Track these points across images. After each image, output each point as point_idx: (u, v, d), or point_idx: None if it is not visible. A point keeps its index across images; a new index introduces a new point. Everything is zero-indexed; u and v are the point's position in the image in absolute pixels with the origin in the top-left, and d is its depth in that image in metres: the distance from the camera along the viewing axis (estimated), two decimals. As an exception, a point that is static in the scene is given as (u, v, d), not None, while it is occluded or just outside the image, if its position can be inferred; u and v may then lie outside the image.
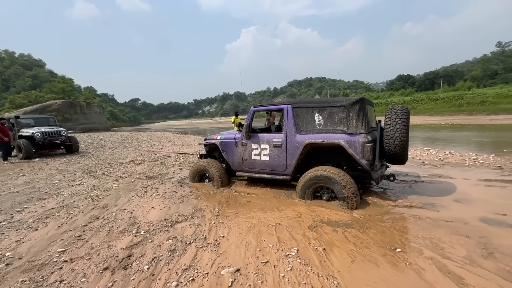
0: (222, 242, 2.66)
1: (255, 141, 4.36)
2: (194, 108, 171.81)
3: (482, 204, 3.40)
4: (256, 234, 2.79)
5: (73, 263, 2.36)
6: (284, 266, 2.18)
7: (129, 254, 2.48)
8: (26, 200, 4.39)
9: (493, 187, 4.10)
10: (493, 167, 5.36)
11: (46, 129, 10.10)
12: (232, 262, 2.27)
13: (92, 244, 2.73)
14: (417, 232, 2.69)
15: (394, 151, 3.59)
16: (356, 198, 3.40)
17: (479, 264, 2.09)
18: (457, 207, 3.32)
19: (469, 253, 2.26)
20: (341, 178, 3.45)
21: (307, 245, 2.51)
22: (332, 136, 3.61)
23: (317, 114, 3.80)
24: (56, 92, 51.07)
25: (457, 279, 1.91)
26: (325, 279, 1.99)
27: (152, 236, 2.85)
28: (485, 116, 24.70)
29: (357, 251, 2.38)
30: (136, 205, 3.91)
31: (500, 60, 51.45)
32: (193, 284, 2.00)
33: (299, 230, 2.84)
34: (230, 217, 3.31)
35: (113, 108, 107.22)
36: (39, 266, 2.33)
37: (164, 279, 2.07)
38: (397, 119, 3.60)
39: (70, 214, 3.65)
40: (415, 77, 63.10)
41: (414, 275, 2.00)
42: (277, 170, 4.17)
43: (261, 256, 2.35)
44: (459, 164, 5.76)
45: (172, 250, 2.52)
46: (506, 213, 3.04)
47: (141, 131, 32.22)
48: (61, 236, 2.95)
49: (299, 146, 3.85)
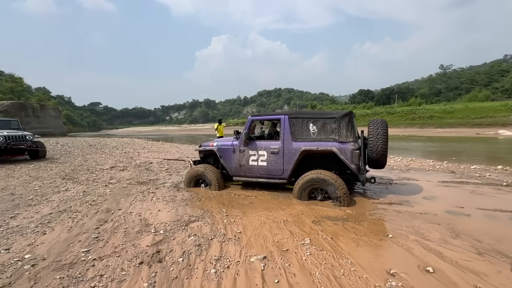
0: (241, 236, 2.94)
1: (253, 148, 4.71)
2: (161, 115, 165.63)
3: (444, 200, 4.16)
4: (269, 229, 3.13)
5: (104, 261, 2.46)
6: (303, 252, 2.55)
7: (157, 250, 2.65)
8: (13, 206, 4.17)
9: (450, 187, 4.98)
10: (447, 171, 6.40)
11: (9, 133, 9.26)
12: (257, 252, 2.58)
13: (114, 244, 2.82)
14: (401, 222, 3.27)
15: (377, 157, 4.22)
16: (347, 197, 3.92)
17: (450, 243, 2.69)
18: (426, 203, 4.03)
19: (442, 235, 2.87)
20: (335, 180, 3.95)
21: (316, 235, 2.92)
22: (326, 143, 4.13)
23: (311, 124, 4.31)
24: (3, 92, 45.92)
25: (437, 254, 2.47)
26: (339, 259, 2.41)
27: (172, 234, 3.02)
28: (434, 129, 28.14)
29: (358, 238, 2.85)
30: (141, 209, 3.99)
31: (443, 80, 59.02)
32: (229, 270, 2.27)
33: (306, 225, 3.24)
34: (239, 216, 3.60)
35: (70, 111, 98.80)
36: (70, 265, 2.39)
37: (202, 268, 2.31)
38: (378, 129, 4.25)
39: (74, 218, 3.61)
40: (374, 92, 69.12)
41: (406, 252, 2.51)
42: (274, 175, 4.56)
43: (280, 246, 2.70)
44: (421, 169, 6.74)
45: (197, 245, 2.74)
46: (463, 206, 3.80)
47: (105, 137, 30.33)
48: (77, 238, 2.97)
49: (296, 153, 4.30)
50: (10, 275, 2.25)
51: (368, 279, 2.10)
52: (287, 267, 2.29)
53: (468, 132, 22.88)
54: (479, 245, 2.64)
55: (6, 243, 2.85)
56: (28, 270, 2.31)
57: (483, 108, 29.69)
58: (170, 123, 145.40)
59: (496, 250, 2.51)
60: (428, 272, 2.17)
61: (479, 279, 2.07)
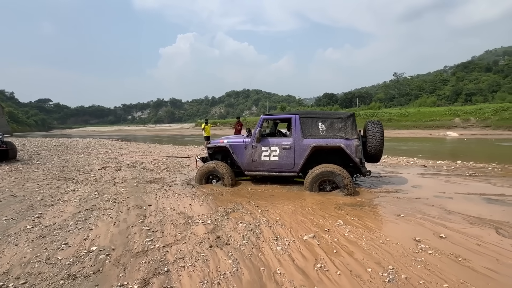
0: (282, 222, 3.36)
1: (265, 144, 5.14)
2: (122, 114, 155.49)
3: (428, 188, 5.06)
4: (302, 215, 3.59)
5: (173, 247, 2.69)
6: (343, 230, 3.07)
7: (217, 236, 2.94)
8: (28, 207, 4.02)
9: (428, 178, 5.98)
10: (420, 166, 7.54)
11: (-25, 131, 8.32)
12: (304, 233, 3.02)
13: (170, 234, 3.03)
14: (404, 205, 3.98)
15: (375, 152, 4.95)
16: (352, 186, 4.55)
17: (447, 218, 3.44)
18: (416, 191, 4.86)
19: (439, 213, 3.63)
20: (341, 171, 4.55)
21: (345, 218, 3.46)
22: (334, 140, 4.73)
23: (320, 123, 4.89)
24: None
25: (442, 225, 3.17)
26: (373, 233, 2.97)
27: (220, 223, 3.31)
28: (393, 130, 31.28)
29: (379, 218, 3.47)
30: (170, 204, 4.15)
31: (396, 86, 65.38)
32: (291, 246, 2.69)
33: (331, 210, 3.77)
34: (269, 206, 4.00)
35: (13, 108, 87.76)
36: (143, 252, 2.58)
37: (267, 247, 2.68)
38: (376, 129, 5.00)
39: (109, 215, 3.67)
40: (337, 95, 73.80)
41: (419, 226, 3.18)
42: (286, 168, 5.04)
43: (320, 227, 3.18)
44: (399, 165, 7.80)
45: (250, 230, 3.09)
46: (445, 192, 4.70)
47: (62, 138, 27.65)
48: (129, 231, 3.11)
49: (306, 149, 4.83)
50: (92, 264, 2.38)
51: (402, 245, 2.68)
52: (337, 241, 2.78)
53: (422, 133, 26.06)
54: (468, 218, 3.42)
55: (60, 239, 2.89)
56: (106, 259, 2.46)
57: (431, 113, 33.93)
58: (132, 122, 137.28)
59: (481, 221, 3.31)
60: (442, 237, 2.84)
61: (478, 240, 2.79)
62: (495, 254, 2.48)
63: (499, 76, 50.63)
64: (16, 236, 2.98)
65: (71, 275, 2.19)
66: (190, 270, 2.26)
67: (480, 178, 5.82)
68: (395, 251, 2.57)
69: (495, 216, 3.48)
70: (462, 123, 30.04)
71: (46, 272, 2.25)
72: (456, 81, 53.88)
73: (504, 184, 5.27)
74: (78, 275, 2.20)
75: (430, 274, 2.16)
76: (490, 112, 29.39)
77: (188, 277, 2.16)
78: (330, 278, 2.14)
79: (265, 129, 6.96)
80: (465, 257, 2.43)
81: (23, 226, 3.28)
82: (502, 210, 3.75)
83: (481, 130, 27.45)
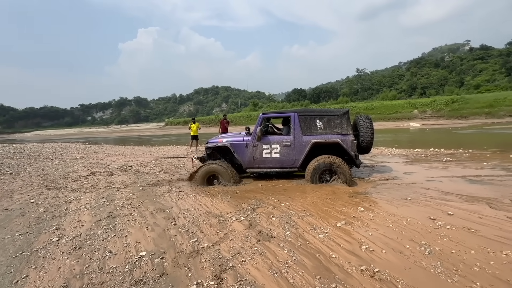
0: (309, 213, 3.60)
1: (266, 142, 5.35)
2: (81, 115, 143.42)
3: (418, 174, 5.70)
4: (324, 205, 3.88)
5: (222, 244, 2.79)
6: (367, 215, 3.41)
7: (258, 231, 3.09)
8: (36, 219, 3.77)
9: (413, 165, 6.69)
10: (401, 155, 8.34)
11: None
12: (335, 221, 3.30)
13: (211, 232, 3.10)
14: (406, 190, 4.48)
15: (366, 144, 5.42)
16: (351, 175, 4.93)
17: (446, 198, 3.98)
18: (409, 177, 5.45)
19: (438, 195, 4.17)
20: (340, 161, 4.93)
21: (363, 204, 3.82)
22: (331, 136, 5.09)
23: (318, 120, 5.23)
24: None
25: (446, 205, 3.67)
26: (394, 216, 3.34)
27: (254, 219, 3.45)
28: (360, 123, 33.41)
29: (391, 202, 3.89)
30: (190, 205, 4.16)
31: (359, 81, 69.51)
32: (330, 234, 2.94)
33: (346, 199, 4.11)
34: (289, 200, 4.21)
35: None
36: (196, 252, 2.65)
37: (310, 236, 2.91)
38: (367, 124, 5.47)
39: (135, 220, 3.60)
40: (306, 90, 76.28)
41: (428, 207, 3.64)
42: (287, 164, 5.30)
43: (346, 214, 3.49)
44: (383, 154, 8.54)
45: (286, 222, 3.28)
46: (433, 176, 5.36)
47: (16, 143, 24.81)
48: (167, 233, 3.11)
49: (306, 145, 5.13)
50: (152, 268, 2.39)
51: (423, 223, 3.09)
52: (367, 225, 3.11)
53: (388, 125, 28.26)
54: (462, 197, 4.00)
55: (99, 248, 2.81)
56: (163, 262, 2.48)
57: (394, 105, 36.94)
58: (93, 124, 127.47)
59: (473, 198, 3.90)
60: (450, 215, 3.32)
61: (478, 214, 3.31)
62: (497, 224, 2.99)
63: (446, 71, 56.60)
64: (46, 250, 2.83)
65: (138, 281, 2.20)
66: (253, 263, 2.40)
67: (456, 163, 6.67)
68: (420, 229, 2.96)
69: (482, 193, 4.12)
70: (420, 114, 33.20)
71: (108, 280, 2.22)
72: (411, 76, 58.99)
73: (477, 166, 6.13)
74: (145, 279, 2.22)
75: (456, 244, 2.57)
76: (442, 104, 32.89)
77: (255, 269, 2.30)
78: (379, 256, 2.44)
79: (265, 127, 7.16)
80: (476, 228, 2.90)
81: (46, 239, 3.10)
82: (485, 188, 4.43)
83: (437, 120, 30.66)
